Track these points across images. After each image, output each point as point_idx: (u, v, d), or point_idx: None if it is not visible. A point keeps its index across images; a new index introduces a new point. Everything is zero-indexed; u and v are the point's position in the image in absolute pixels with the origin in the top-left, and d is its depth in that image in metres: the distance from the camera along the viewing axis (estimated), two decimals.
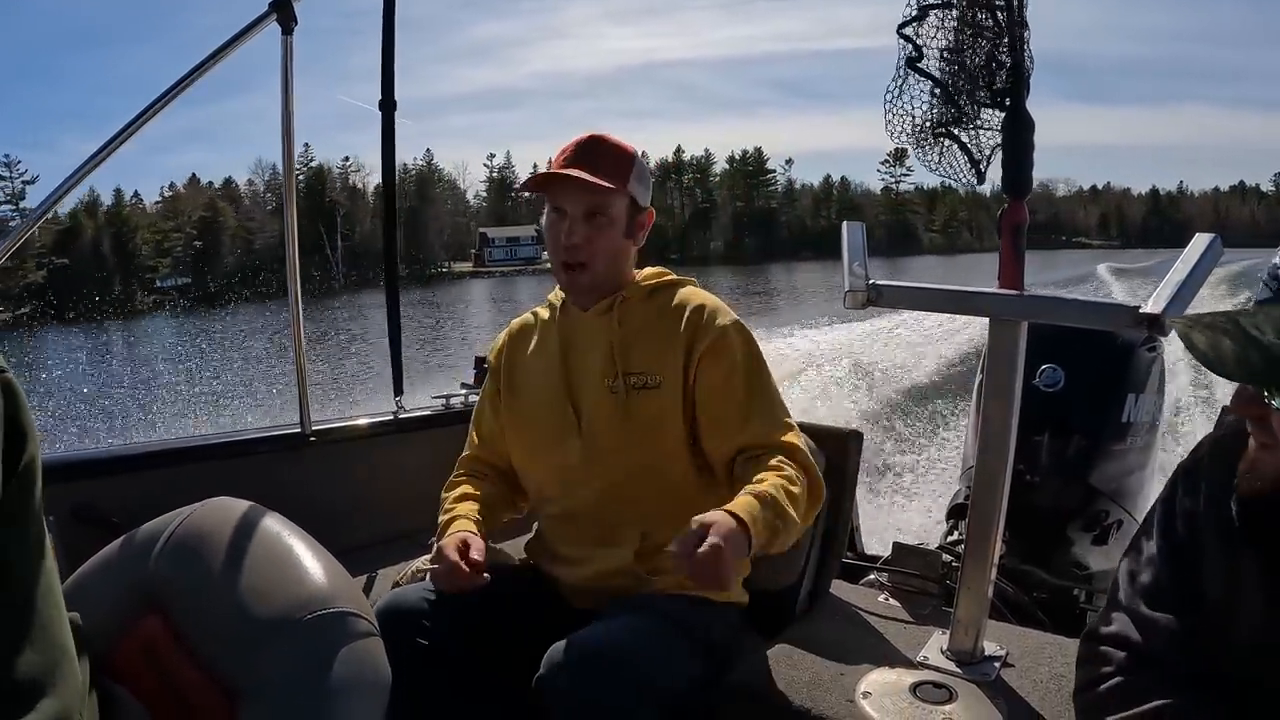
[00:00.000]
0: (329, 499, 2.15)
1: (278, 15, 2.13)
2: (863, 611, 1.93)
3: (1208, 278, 1.44)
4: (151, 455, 2.22)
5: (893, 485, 6.34)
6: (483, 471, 1.83)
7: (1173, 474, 1.15)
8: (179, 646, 1.08)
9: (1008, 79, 1.62)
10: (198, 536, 1.12)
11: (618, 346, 1.67)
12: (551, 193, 1.67)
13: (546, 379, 1.73)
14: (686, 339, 1.64)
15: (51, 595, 0.83)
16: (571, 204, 1.64)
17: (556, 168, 1.64)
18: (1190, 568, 1.08)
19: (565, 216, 1.65)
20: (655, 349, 1.66)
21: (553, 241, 1.68)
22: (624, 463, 1.64)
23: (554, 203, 1.67)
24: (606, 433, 1.65)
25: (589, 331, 1.71)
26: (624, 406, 1.64)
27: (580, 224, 1.64)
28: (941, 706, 1.53)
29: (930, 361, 10.19)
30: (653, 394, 1.64)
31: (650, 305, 1.71)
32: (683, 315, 1.67)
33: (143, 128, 2.02)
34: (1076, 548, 2.65)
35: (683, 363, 1.63)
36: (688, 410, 1.64)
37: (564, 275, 1.69)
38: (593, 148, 1.66)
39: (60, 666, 0.82)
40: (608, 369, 1.66)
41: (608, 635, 1.46)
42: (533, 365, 1.78)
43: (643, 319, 1.69)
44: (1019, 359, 1.59)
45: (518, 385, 1.80)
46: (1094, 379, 2.62)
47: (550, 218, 1.68)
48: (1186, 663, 1.07)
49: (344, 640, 0.97)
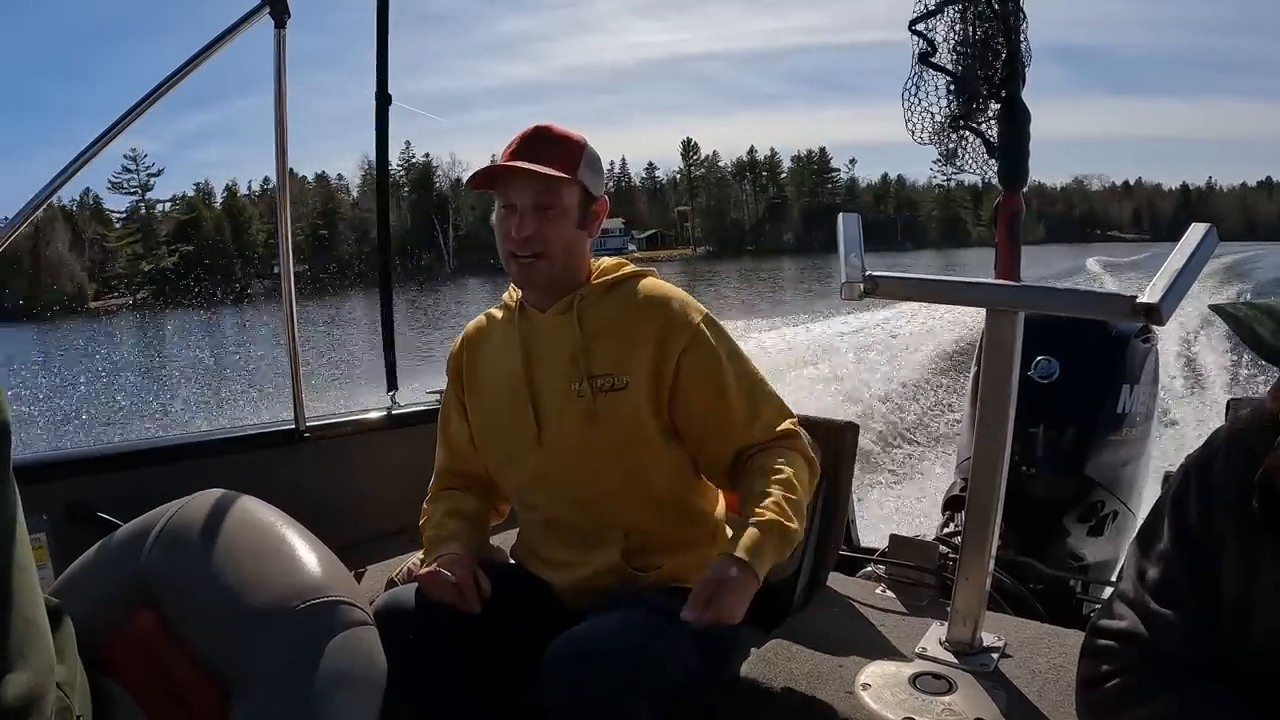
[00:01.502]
0: (323, 495, 2.14)
1: (270, 9, 2.11)
2: (860, 604, 1.93)
3: (1203, 268, 1.44)
4: (145, 452, 2.20)
5: (888, 477, 6.36)
6: (462, 485, 1.81)
7: (1182, 467, 1.14)
8: (171, 639, 1.07)
9: (1003, 71, 1.62)
10: (188, 529, 1.11)
11: (580, 349, 1.62)
12: (500, 188, 1.61)
13: (510, 386, 1.68)
14: (654, 336, 1.60)
15: (21, 573, 0.78)
16: (520, 196, 1.58)
17: (504, 161, 1.58)
18: (1205, 562, 1.07)
19: (515, 211, 1.59)
20: (620, 348, 1.61)
21: (503, 237, 1.62)
22: (598, 467, 1.62)
23: (503, 199, 1.61)
24: (576, 437, 1.62)
25: (549, 333, 1.66)
26: (592, 410, 1.60)
27: (530, 216, 1.58)
28: (941, 697, 1.52)
29: (927, 353, 10.21)
30: (621, 395, 1.60)
31: (610, 301, 1.66)
32: (646, 311, 1.63)
33: (134, 122, 2.01)
34: (1072, 538, 2.65)
35: (652, 360, 1.59)
36: (660, 407, 1.61)
37: (516, 269, 1.63)
38: (539, 138, 1.61)
39: (29, 642, 0.78)
40: (572, 373, 1.62)
41: (602, 631, 1.45)
42: (494, 371, 1.73)
43: (604, 316, 1.64)
44: (1016, 350, 1.59)
45: (480, 392, 1.75)
46: (1089, 370, 2.62)
47: (500, 214, 1.62)
48: (1198, 658, 1.06)
49: (338, 629, 0.97)
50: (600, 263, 1.71)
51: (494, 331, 1.76)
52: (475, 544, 1.71)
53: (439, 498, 1.80)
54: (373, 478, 2.45)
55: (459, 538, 1.68)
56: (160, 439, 2.49)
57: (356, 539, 2.24)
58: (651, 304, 1.63)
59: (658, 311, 1.62)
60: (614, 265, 1.71)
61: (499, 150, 1.63)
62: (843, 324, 13.13)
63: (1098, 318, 2.45)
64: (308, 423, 2.39)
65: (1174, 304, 1.37)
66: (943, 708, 1.50)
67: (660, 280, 1.70)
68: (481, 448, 1.76)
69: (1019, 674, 1.59)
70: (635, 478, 1.63)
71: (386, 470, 2.45)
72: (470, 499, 1.79)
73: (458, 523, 1.73)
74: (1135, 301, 1.40)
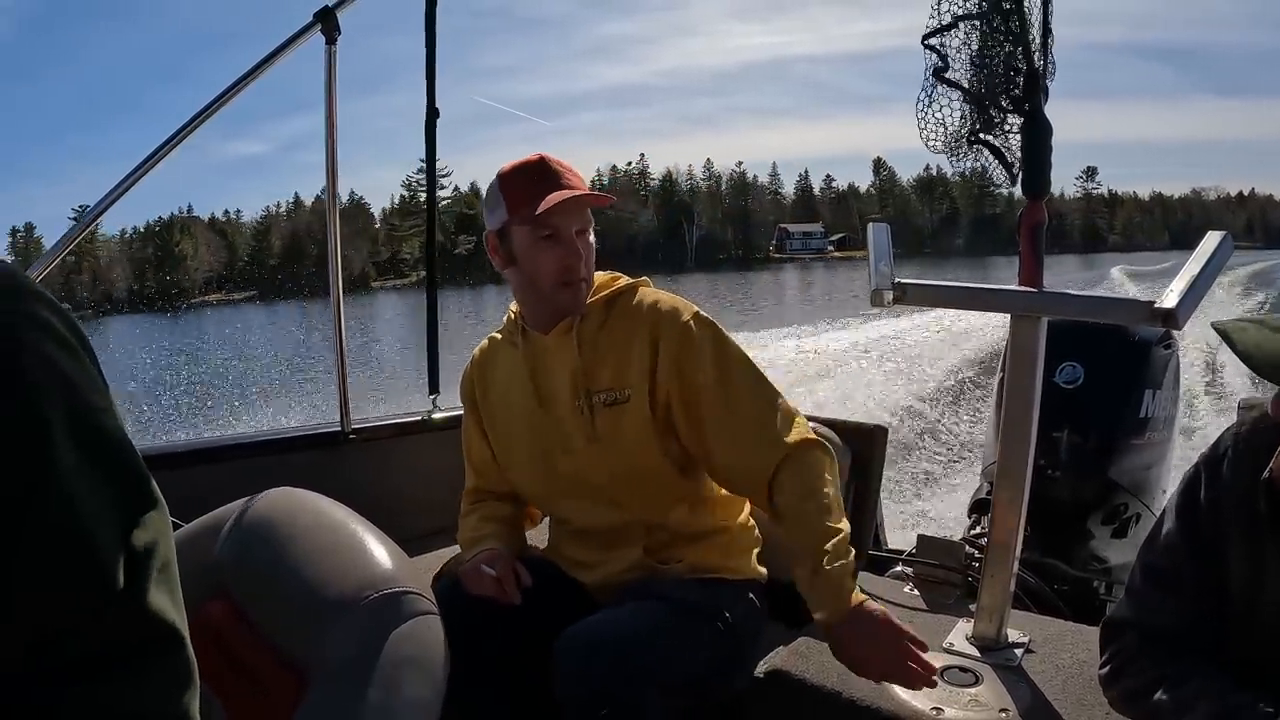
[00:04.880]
0: (367, 495, 2.20)
1: (321, 26, 2.17)
2: (888, 602, 1.96)
3: (1219, 274, 1.48)
4: (194, 453, 2.29)
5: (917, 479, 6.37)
6: (491, 498, 1.87)
7: (1193, 465, 1.19)
8: (246, 629, 1.13)
9: (1024, 88, 1.67)
10: (262, 523, 1.17)
11: (580, 368, 1.66)
12: (545, 219, 1.60)
13: (520, 409, 1.74)
14: (648, 341, 1.63)
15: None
16: (569, 224, 1.61)
17: (551, 195, 1.58)
18: (1212, 556, 1.12)
19: (559, 239, 1.61)
20: (618, 361, 1.65)
21: (558, 264, 1.62)
22: (608, 479, 1.67)
23: (546, 229, 1.61)
24: (585, 453, 1.67)
25: (552, 355, 1.70)
26: (594, 426, 1.65)
27: (580, 242, 1.63)
28: (968, 689, 1.58)
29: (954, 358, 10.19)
30: (622, 409, 1.64)
31: (607, 316, 1.69)
32: (639, 320, 1.66)
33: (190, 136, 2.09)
34: (1096, 540, 2.68)
35: (648, 367, 1.62)
36: (660, 415, 1.63)
37: (569, 296, 1.65)
38: (560, 167, 1.63)
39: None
40: (575, 390, 1.66)
41: (613, 621, 1.51)
42: (504, 396, 1.78)
43: (602, 332, 1.68)
44: (1039, 355, 1.64)
45: (495, 415, 1.81)
46: (1113, 376, 2.66)
47: (540, 244, 1.62)
48: (1195, 644, 1.12)
49: (408, 617, 1.03)
50: (596, 277, 1.73)
51: (500, 355, 1.81)
52: (512, 544, 1.77)
53: (472, 510, 1.86)
54: (414, 478, 2.52)
55: (496, 535, 1.75)
56: (208, 440, 2.57)
57: (398, 538, 2.30)
58: (642, 312, 1.67)
59: (650, 315, 1.66)
60: (609, 279, 1.74)
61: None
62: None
63: (1117, 322, 2.49)
64: (353, 425, 2.46)
65: (1190, 308, 1.42)
66: (969, 699, 1.55)
67: (654, 289, 1.74)
68: (503, 468, 1.82)
69: (1043, 668, 1.64)
70: (649, 486, 1.67)
71: (427, 472, 2.52)
72: (504, 506, 1.86)
73: (494, 525, 1.79)
74: (1153, 306, 1.45)
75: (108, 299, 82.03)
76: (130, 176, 2.03)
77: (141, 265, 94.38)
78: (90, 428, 0.59)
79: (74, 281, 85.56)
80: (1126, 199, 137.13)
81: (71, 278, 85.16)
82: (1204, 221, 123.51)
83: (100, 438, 0.59)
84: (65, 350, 0.58)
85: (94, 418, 0.59)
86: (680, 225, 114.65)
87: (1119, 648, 1.20)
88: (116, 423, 0.61)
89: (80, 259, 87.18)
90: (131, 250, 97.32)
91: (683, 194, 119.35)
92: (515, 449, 1.78)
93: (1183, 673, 1.09)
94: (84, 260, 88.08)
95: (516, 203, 1.61)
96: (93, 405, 0.59)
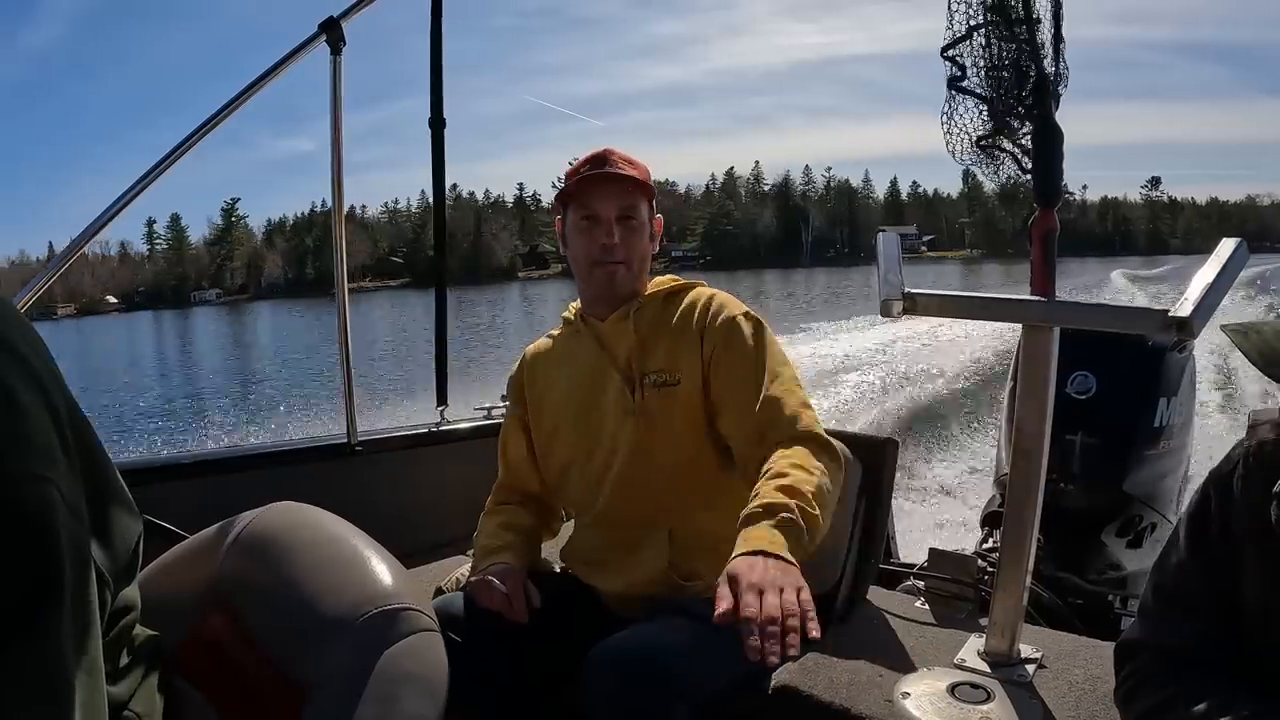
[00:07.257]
0: (373, 508, 2.19)
1: (327, 36, 2.18)
2: (899, 616, 1.95)
3: (1234, 281, 1.46)
4: (200, 464, 2.28)
5: (928, 491, 6.34)
6: (518, 499, 1.89)
7: (1205, 481, 1.17)
8: (245, 642, 1.12)
9: (1032, 94, 1.65)
10: (264, 537, 1.16)
11: (635, 348, 1.72)
12: (583, 200, 1.72)
13: (571, 391, 1.79)
14: (700, 333, 1.70)
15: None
16: (606, 208, 1.70)
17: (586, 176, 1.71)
18: (1224, 572, 1.10)
19: (598, 222, 1.70)
20: (671, 347, 1.72)
21: (587, 246, 1.73)
22: (647, 461, 1.70)
23: (585, 210, 1.72)
24: (631, 431, 1.70)
25: (608, 337, 1.77)
26: (643, 405, 1.69)
27: (615, 226, 1.70)
28: (979, 706, 1.55)
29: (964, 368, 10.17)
30: (671, 391, 1.69)
31: (665, 308, 1.77)
32: (694, 312, 1.74)
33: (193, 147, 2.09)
34: (1111, 551, 2.65)
35: (699, 358, 1.69)
36: (707, 404, 1.69)
37: (600, 276, 1.74)
38: (612, 157, 1.72)
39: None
40: (627, 370, 1.72)
41: (644, 638, 1.50)
42: (556, 382, 1.83)
43: (659, 320, 1.75)
44: (1051, 364, 1.61)
45: (543, 403, 1.85)
46: (1126, 384, 2.63)
47: (580, 225, 1.73)
48: (1213, 665, 1.10)
49: (408, 633, 1.02)
50: (655, 279, 1.82)
51: (555, 348, 1.87)
52: (526, 557, 1.78)
53: (494, 511, 1.88)
54: (421, 491, 2.52)
55: (512, 549, 1.75)
56: (214, 451, 2.58)
57: (404, 551, 2.29)
58: (697, 307, 1.75)
59: (703, 310, 1.74)
60: (669, 279, 1.83)
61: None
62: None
63: (1131, 331, 2.46)
64: (359, 437, 2.46)
65: (1205, 317, 1.39)
66: (981, 716, 1.52)
67: (709, 288, 1.82)
68: (541, 458, 1.85)
69: (1055, 685, 1.61)
70: (683, 472, 1.70)
71: (434, 484, 2.52)
72: (525, 514, 1.86)
73: (511, 535, 1.79)
74: (1168, 315, 1.42)
75: (258, 284, 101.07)
76: (133, 187, 2.04)
77: (299, 254, 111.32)
78: None
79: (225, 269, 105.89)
80: (1186, 205, 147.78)
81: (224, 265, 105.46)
82: (1258, 228, 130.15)
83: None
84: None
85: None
86: (796, 226, 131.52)
87: (1134, 668, 1.18)
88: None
89: (233, 248, 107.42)
90: (286, 240, 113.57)
91: (796, 197, 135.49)
92: (560, 429, 1.82)
93: (1200, 689, 1.06)
94: (235, 249, 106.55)
95: (567, 189, 1.73)
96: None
